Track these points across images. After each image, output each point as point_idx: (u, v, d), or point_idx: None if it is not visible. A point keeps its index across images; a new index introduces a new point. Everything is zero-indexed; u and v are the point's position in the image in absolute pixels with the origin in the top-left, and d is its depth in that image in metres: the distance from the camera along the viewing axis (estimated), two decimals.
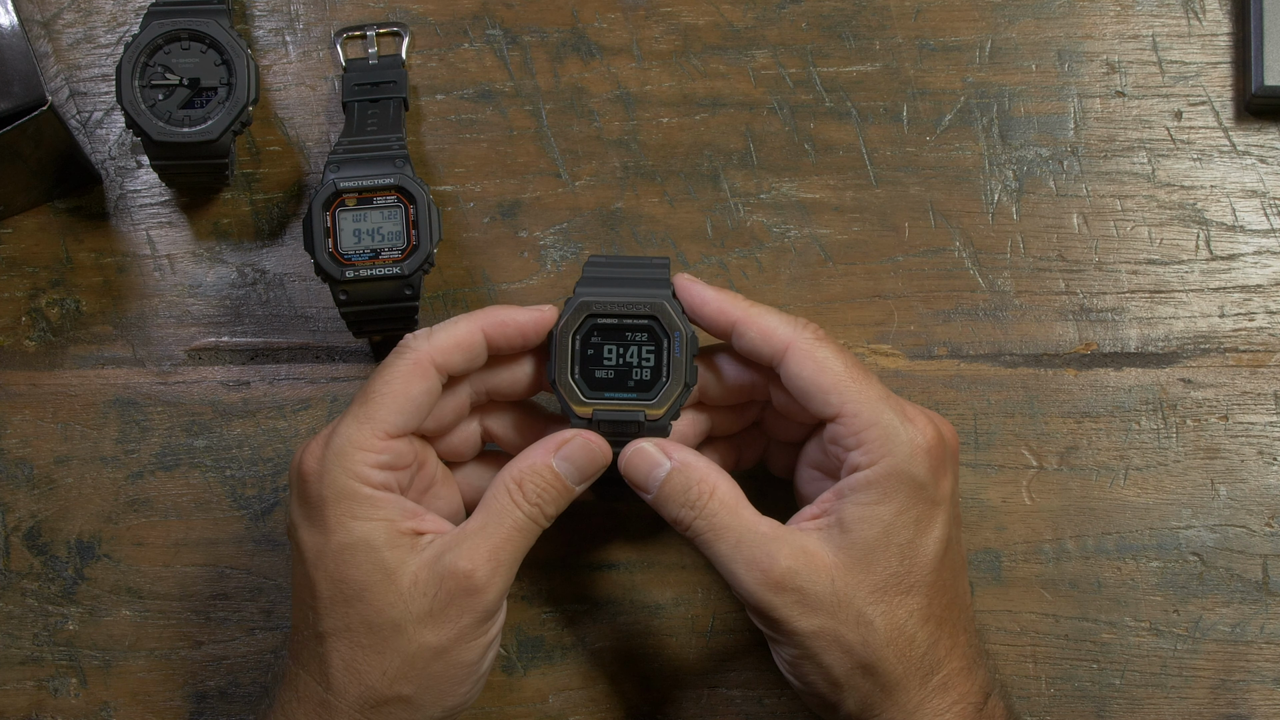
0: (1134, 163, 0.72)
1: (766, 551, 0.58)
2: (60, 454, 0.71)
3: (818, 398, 0.59)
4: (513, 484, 0.59)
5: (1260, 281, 0.71)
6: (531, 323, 0.61)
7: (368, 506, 0.58)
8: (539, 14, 0.73)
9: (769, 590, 0.57)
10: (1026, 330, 0.71)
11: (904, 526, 0.58)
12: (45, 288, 0.72)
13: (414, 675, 0.58)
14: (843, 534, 0.58)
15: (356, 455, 0.58)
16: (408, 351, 0.59)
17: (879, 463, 0.58)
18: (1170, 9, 0.73)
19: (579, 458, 0.60)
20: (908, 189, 0.72)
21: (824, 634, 0.57)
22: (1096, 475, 0.70)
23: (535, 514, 0.59)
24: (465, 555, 0.58)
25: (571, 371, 0.61)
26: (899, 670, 0.58)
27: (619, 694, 0.69)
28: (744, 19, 0.73)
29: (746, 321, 0.60)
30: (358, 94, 0.71)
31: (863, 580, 0.58)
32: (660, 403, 0.61)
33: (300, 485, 0.59)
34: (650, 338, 0.61)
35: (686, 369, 0.61)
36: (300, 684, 0.59)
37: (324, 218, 0.66)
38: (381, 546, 0.57)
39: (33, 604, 0.70)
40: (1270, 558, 0.70)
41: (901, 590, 0.58)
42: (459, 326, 0.60)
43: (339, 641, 0.58)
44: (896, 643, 0.58)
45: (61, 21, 0.74)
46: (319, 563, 0.58)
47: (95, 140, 0.73)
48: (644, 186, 0.72)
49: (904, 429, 0.58)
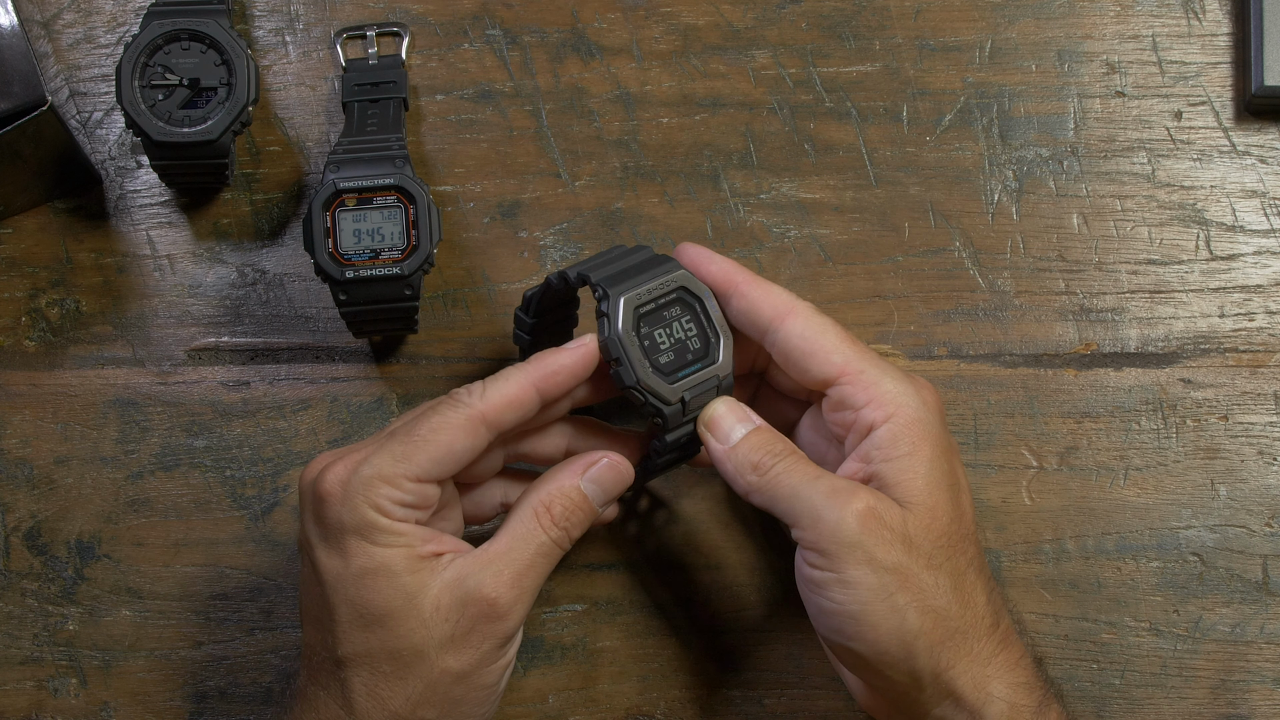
0: (1134, 163, 0.72)
1: (848, 487, 0.57)
2: (60, 454, 0.71)
3: (820, 356, 0.59)
4: (541, 507, 0.59)
5: (1260, 281, 0.71)
6: (578, 361, 0.60)
7: (388, 535, 0.57)
8: (539, 14, 0.73)
9: (857, 522, 0.56)
10: (1026, 330, 0.71)
11: (941, 474, 0.58)
12: (45, 288, 0.72)
13: (437, 700, 0.57)
14: (892, 490, 0.58)
15: (383, 489, 0.57)
16: (461, 406, 0.58)
17: (897, 414, 0.58)
18: (1170, 9, 0.73)
19: (606, 480, 0.60)
20: (908, 189, 0.72)
21: (900, 570, 0.56)
22: (1096, 475, 0.70)
23: (561, 538, 0.59)
24: (489, 582, 0.57)
25: (647, 368, 0.60)
26: (968, 618, 0.57)
27: (619, 694, 0.69)
28: (744, 19, 0.73)
29: (751, 283, 0.61)
30: (358, 94, 0.71)
31: (929, 526, 0.57)
32: (725, 361, 0.61)
33: (317, 505, 0.58)
34: (684, 309, 0.61)
35: (724, 324, 0.61)
36: (320, 705, 0.58)
37: (324, 218, 0.66)
38: (402, 572, 0.57)
39: (33, 604, 0.70)
40: (1270, 558, 0.70)
41: (959, 537, 0.58)
42: (511, 384, 0.59)
43: (360, 668, 0.57)
44: (961, 590, 0.57)
45: (61, 21, 0.74)
46: (338, 587, 0.57)
47: (95, 140, 0.73)
48: (644, 186, 0.72)
49: (910, 383, 0.59)
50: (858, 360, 0.59)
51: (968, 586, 0.58)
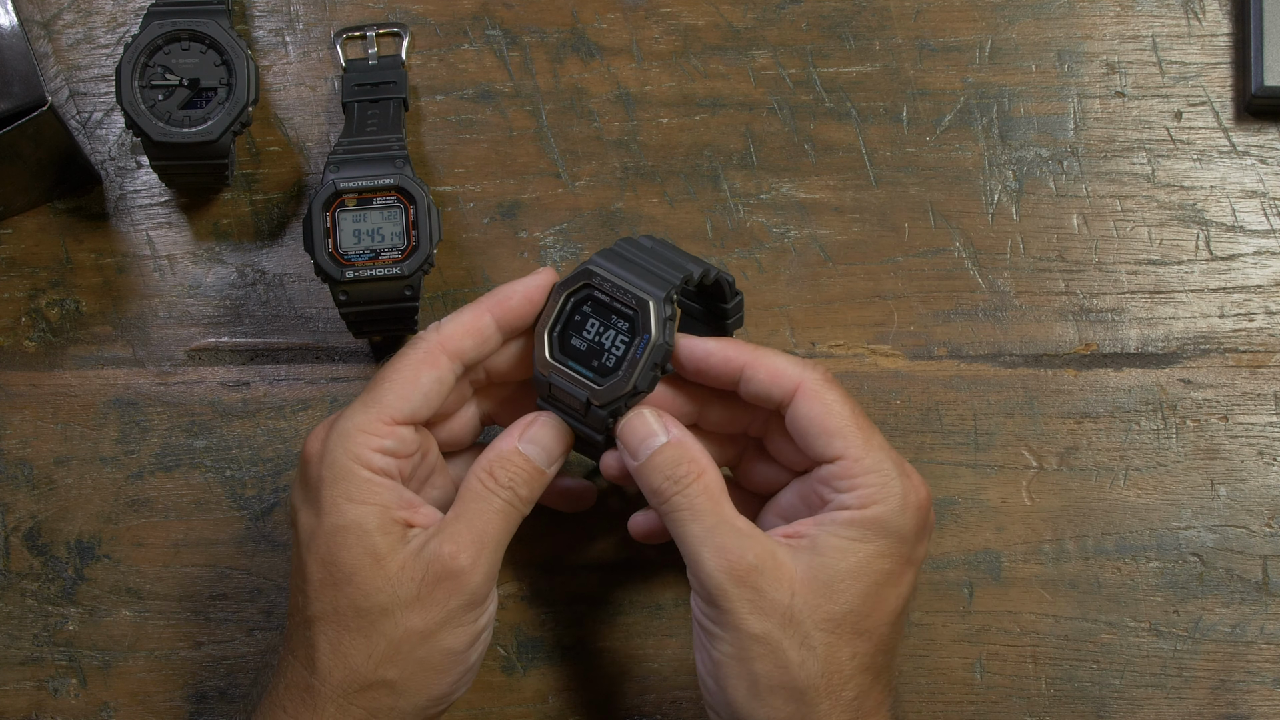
0: (1134, 163, 0.72)
1: (738, 543, 0.57)
2: (60, 454, 0.71)
3: (821, 439, 0.59)
4: (483, 471, 0.60)
5: (1260, 282, 0.71)
6: (537, 287, 0.61)
7: (364, 489, 0.58)
8: (539, 14, 0.73)
9: (729, 579, 0.57)
10: (1026, 330, 0.71)
11: (876, 571, 0.58)
12: (45, 288, 0.72)
13: (399, 659, 0.58)
14: (814, 556, 0.58)
15: (359, 437, 0.58)
16: (419, 342, 0.60)
17: (869, 508, 0.58)
18: (1170, 9, 0.73)
19: (544, 439, 0.61)
20: (908, 189, 0.72)
21: (766, 640, 0.57)
22: (1096, 475, 0.70)
23: (511, 498, 0.60)
24: (448, 541, 0.58)
25: (552, 328, 0.61)
26: (824, 707, 0.57)
27: (619, 694, 0.69)
28: (744, 19, 0.73)
29: (755, 364, 0.60)
30: (358, 94, 0.71)
31: (820, 606, 0.57)
32: (606, 394, 0.60)
33: (302, 467, 0.60)
34: (630, 329, 0.60)
35: (641, 372, 0.59)
36: (288, 670, 0.59)
37: (324, 218, 0.66)
38: (373, 531, 0.58)
39: (33, 604, 0.70)
40: (1270, 558, 0.70)
41: (854, 630, 0.57)
42: (466, 313, 0.61)
43: (326, 624, 0.58)
44: (831, 679, 0.57)
45: (61, 21, 0.74)
46: (311, 544, 0.58)
47: (95, 140, 0.73)
48: (644, 187, 0.72)
49: (900, 482, 0.58)
50: (858, 447, 0.59)
51: (839, 678, 0.57)
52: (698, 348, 0.61)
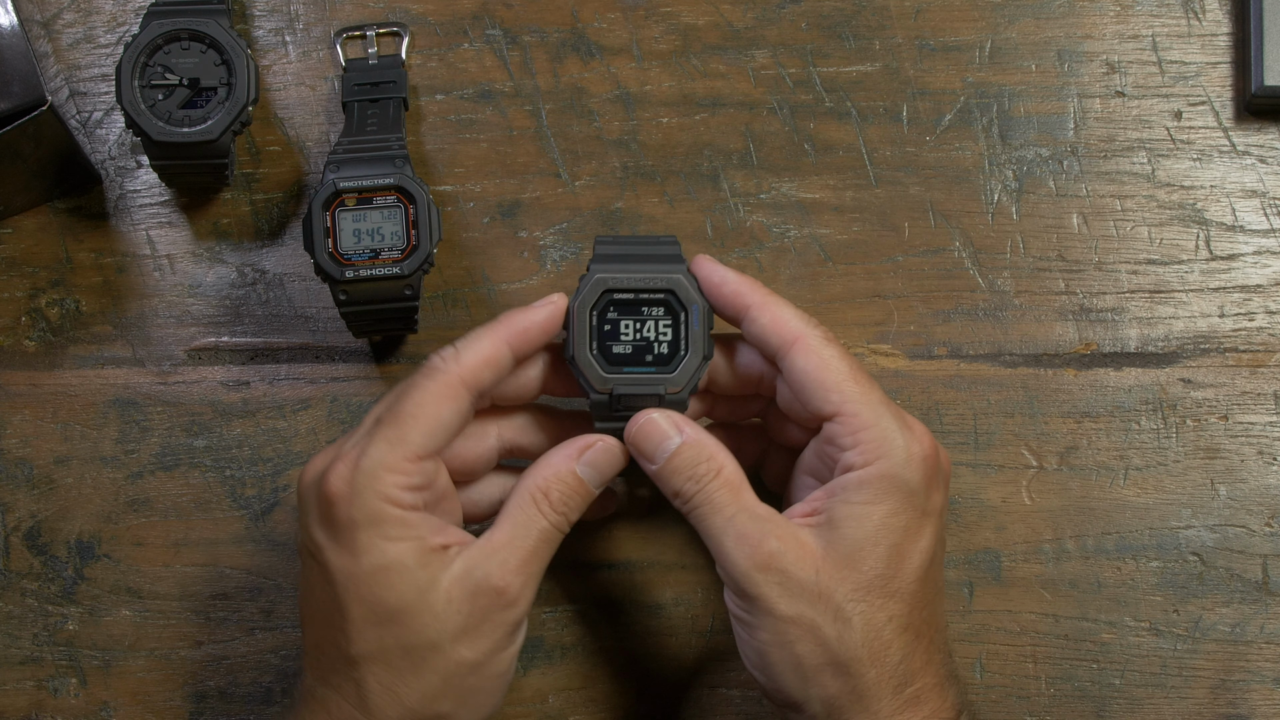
0: (1134, 163, 0.72)
1: (759, 530, 0.58)
2: (60, 454, 0.71)
3: (818, 394, 0.59)
4: (538, 493, 0.59)
5: (1260, 281, 0.71)
6: (548, 318, 0.61)
7: (400, 528, 0.57)
8: (539, 14, 0.73)
9: (755, 568, 0.57)
10: (1026, 330, 0.71)
11: (893, 530, 0.58)
12: (45, 288, 0.72)
13: (451, 692, 0.58)
14: (832, 530, 0.58)
15: (388, 478, 0.57)
16: (437, 373, 0.59)
17: (873, 464, 0.58)
18: (1170, 9, 0.73)
19: (601, 462, 0.61)
20: (908, 189, 0.72)
21: (801, 621, 0.57)
22: (1096, 475, 0.70)
23: (560, 522, 0.60)
24: (497, 571, 0.58)
25: (590, 347, 0.61)
26: (871, 675, 0.57)
27: (619, 694, 0.69)
28: (744, 19, 0.73)
29: (761, 307, 0.60)
30: (358, 94, 0.71)
31: (846, 577, 0.57)
32: (680, 376, 0.61)
33: (324, 507, 0.58)
34: (667, 312, 0.61)
35: (705, 342, 0.61)
36: (332, 705, 0.58)
37: (324, 218, 0.66)
38: (415, 567, 0.57)
39: (32, 604, 0.70)
40: (1270, 558, 0.70)
41: (884, 594, 0.58)
42: (484, 343, 0.60)
43: (375, 665, 0.57)
44: (872, 646, 0.57)
45: (61, 21, 0.74)
46: (350, 586, 0.57)
47: (95, 140, 0.73)
48: (644, 186, 0.72)
49: (901, 435, 0.58)
50: (855, 401, 0.59)
51: (880, 644, 0.57)
52: (715, 273, 0.61)
